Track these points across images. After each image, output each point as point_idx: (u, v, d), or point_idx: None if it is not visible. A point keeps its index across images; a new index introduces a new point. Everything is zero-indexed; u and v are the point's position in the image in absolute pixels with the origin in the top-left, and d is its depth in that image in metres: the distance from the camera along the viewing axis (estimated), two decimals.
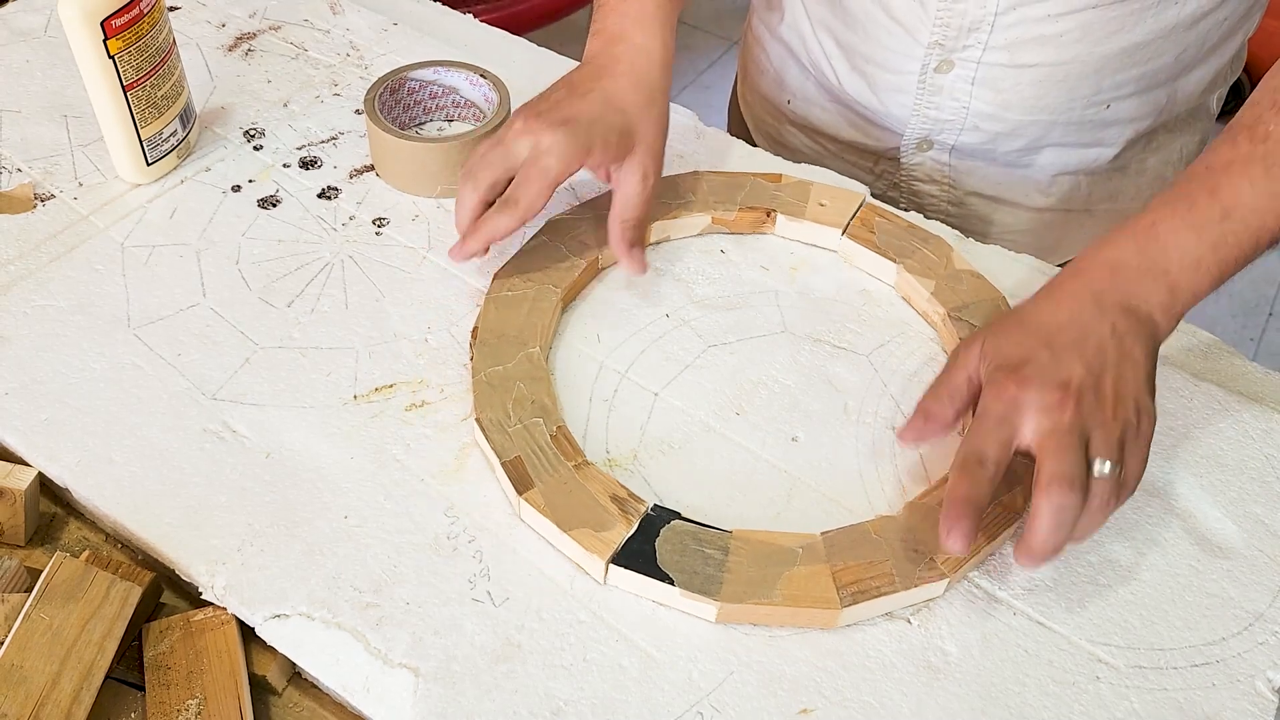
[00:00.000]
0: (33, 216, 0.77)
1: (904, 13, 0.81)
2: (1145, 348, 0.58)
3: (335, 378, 0.68)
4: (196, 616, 0.57)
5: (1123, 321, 0.58)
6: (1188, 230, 0.59)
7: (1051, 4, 0.76)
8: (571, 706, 0.55)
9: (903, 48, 0.82)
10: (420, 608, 0.58)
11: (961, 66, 0.81)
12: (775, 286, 0.76)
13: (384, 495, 0.63)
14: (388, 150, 0.79)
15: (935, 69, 0.82)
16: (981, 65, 0.81)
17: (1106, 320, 0.58)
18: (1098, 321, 0.58)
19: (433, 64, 0.85)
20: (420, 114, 0.87)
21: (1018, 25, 0.78)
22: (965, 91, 0.83)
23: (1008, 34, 0.78)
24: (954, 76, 0.82)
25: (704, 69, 2.55)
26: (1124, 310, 0.58)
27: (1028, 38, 0.78)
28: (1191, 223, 0.59)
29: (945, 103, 0.84)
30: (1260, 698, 0.57)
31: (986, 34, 0.79)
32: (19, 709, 0.50)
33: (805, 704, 0.56)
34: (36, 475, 0.61)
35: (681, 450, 0.66)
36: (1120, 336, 0.58)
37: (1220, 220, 0.58)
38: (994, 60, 0.80)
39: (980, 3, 0.77)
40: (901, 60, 0.83)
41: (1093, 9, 0.76)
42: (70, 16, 0.70)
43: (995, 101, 0.83)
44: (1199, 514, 0.64)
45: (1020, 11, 0.77)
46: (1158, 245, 0.59)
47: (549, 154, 0.68)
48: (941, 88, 0.83)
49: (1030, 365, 0.56)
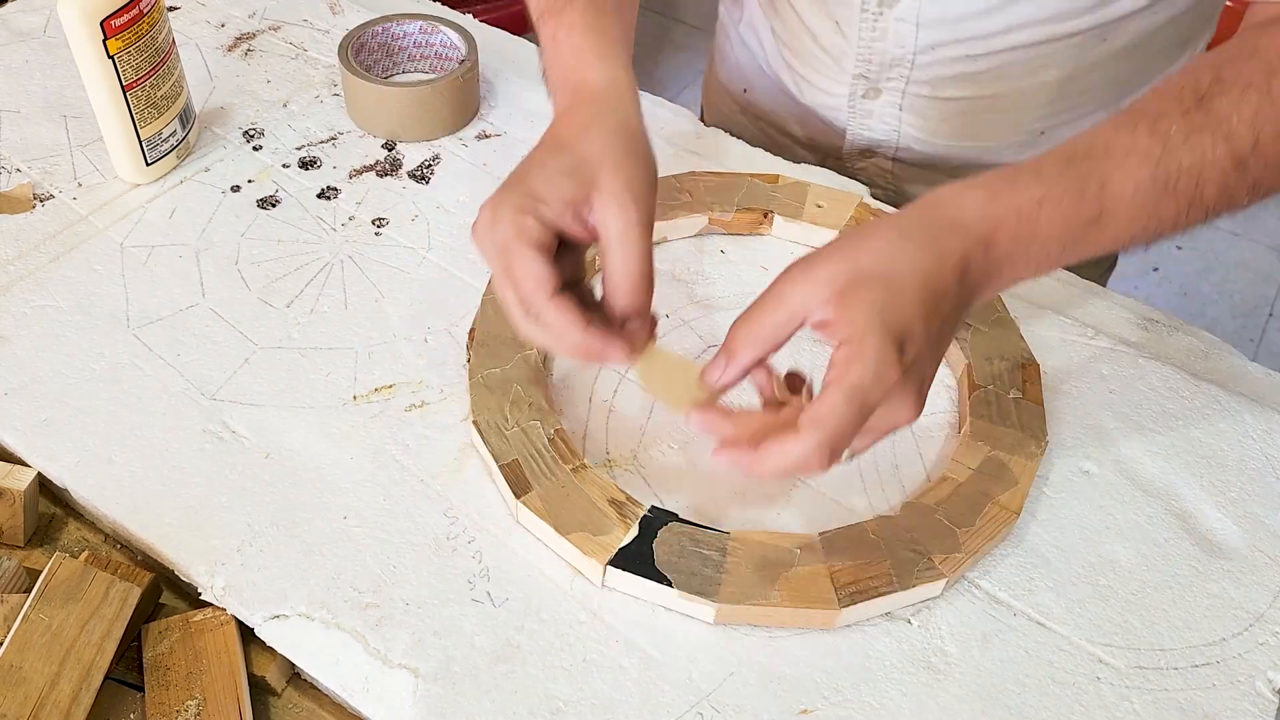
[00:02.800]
0: (32, 216, 0.77)
1: (829, 44, 0.83)
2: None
3: (335, 378, 0.68)
4: (196, 617, 0.57)
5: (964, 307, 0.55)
6: (1062, 223, 0.55)
7: (969, 45, 0.77)
8: (571, 707, 0.55)
9: (831, 73, 0.84)
10: (420, 608, 0.58)
11: (888, 94, 0.83)
12: None
13: (383, 496, 0.63)
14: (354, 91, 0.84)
15: (863, 95, 0.84)
16: (906, 95, 0.83)
17: (964, 303, 0.54)
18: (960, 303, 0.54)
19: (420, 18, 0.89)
20: (404, 61, 0.91)
21: (937, 64, 0.79)
22: (894, 116, 0.84)
23: (928, 71, 0.80)
24: (882, 102, 0.84)
25: (704, 69, 2.55)
26: (975, 291, 0.55)
27: (949, 75, 0.80)
28: (1069, 216, 0.55)
29: (876, 125, 0.86)
30: (1260, 698, 0.57)
31: (908, 69, 0.81)
32: (18, 709, 0.50)
33: (805, 704, 0.55)
34: (36, 475, 0.61)
35: (681, 451, 0.66)
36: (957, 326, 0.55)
37: (1092, 223, 0.55)
38: (918, 92, 0.82)
39: (898, 42, 0.79)
40: (831, 84, 0.85)
41: (1010, 50, 0.77)
42: (70, 16, 0.70)
43: (924, 128, 0.84)
44: (1199, 514, 0.64)
45: (938, 52, 0.79)
46: (1031, 232, 0.54)
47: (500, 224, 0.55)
48: (871, 112, 0.85)
49: (912, 347, 0.51)
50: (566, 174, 0.56)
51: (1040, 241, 0.54)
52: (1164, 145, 0.54)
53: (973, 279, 0.54)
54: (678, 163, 0.83)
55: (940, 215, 0.54)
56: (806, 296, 0.52)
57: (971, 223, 0.54)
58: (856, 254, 0.53)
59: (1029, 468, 0.64)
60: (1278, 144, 0.55)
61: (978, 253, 0.54)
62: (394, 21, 0.88)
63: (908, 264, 0.52)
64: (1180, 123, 0.54)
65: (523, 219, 0.55)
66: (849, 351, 0.50)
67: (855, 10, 0.79)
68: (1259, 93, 0.55)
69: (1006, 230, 0.54)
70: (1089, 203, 0.54)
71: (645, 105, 0.88)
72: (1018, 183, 0.55)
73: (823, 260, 0.53)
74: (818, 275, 0.52)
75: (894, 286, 0.52)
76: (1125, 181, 0.54)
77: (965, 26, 0.77)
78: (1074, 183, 0.54)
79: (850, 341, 0.50)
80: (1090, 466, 0.66)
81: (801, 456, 0.50)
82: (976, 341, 0.69)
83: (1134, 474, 0.66)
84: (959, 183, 0.55)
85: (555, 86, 0.63)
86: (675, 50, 2.61)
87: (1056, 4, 0.75)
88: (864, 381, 0.50)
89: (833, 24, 0.81)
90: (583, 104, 0.60)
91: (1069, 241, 0.55)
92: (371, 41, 0.87)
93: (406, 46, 0.89)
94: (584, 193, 0.56)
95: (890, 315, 0.51)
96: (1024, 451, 0.64)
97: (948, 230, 0.54)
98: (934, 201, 0.55)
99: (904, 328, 0.51)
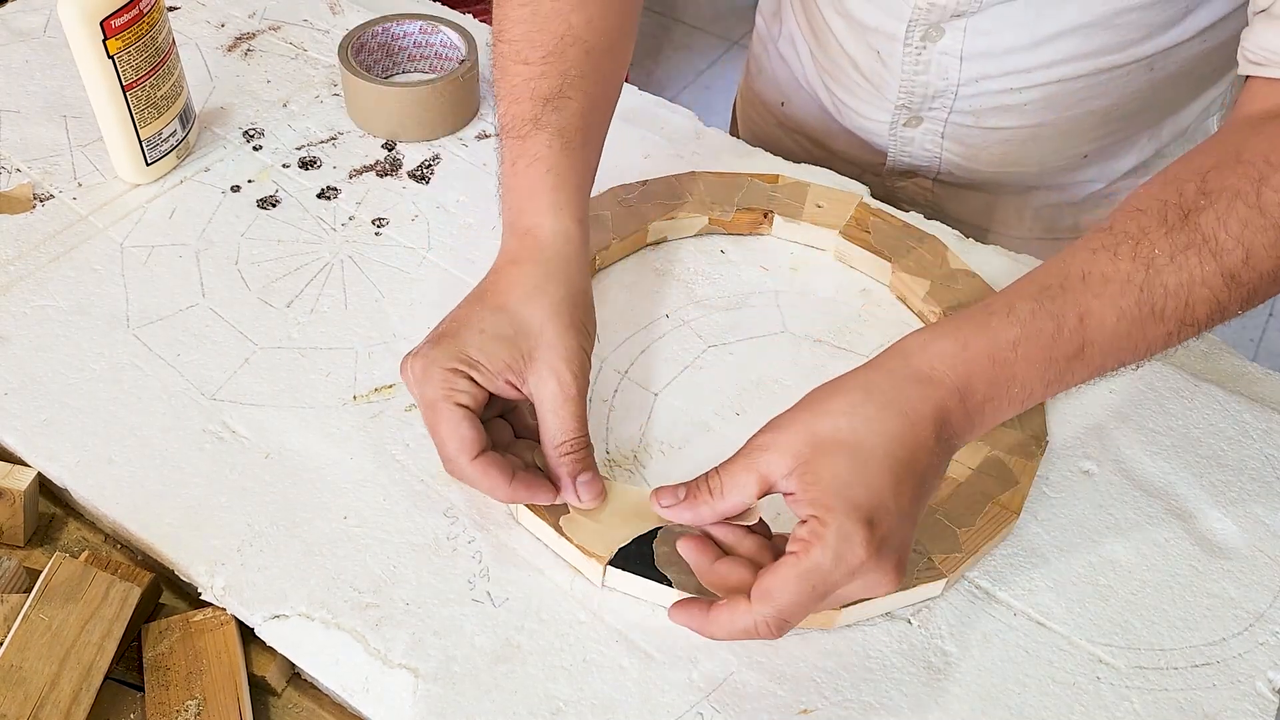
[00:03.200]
0: (32, 216, 0.77)
1: (870, 72, 0.82)
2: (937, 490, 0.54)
3: (335, 378, 0.68)
4: (196, 617, 0.57)
5: (947, 458, 0.53)
6: (1041, 363, 0.53)
7: (1013, 78, 0.77)
8: (571, 707, 0.55)
9: (872, 99, 0.84)
10: (420, 608, 0.58)
11: (930, 123, 0.83)
12: (775, 287, 0.76)
13: (384, 496, 0.63)
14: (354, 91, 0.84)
15: (904, 124, 0.84)
16: (949, 124, 0.82)
17: (942, 458, 0.52)
18: (937, 460, 0.52)
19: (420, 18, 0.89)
20: (404, 61, 0.91)
21: (980, 95, 0.79)
22: (935, 144, 0.84)
23: (972, 102, 0.80)
24: (923, 130, 0.84)
25: (704, 69, 2.55)
26: (956, 440, 0.53)
27: (991, 106, 0.80)
28: (1047, 355, 0.53)
29: (918, 151, 0.86)
30: (1261, 698, 0.57)
31: (951, 99, 0.80)
32: (18, 709, 0.50)
33: (805, 704, 0.55)
34: (36, 475, 0.61)
35: (681, 450, 0.66)
36: (936, 483, 0.53)
37: (1072, 358, 0.53)
38: (960, 121, 0.82)
39: (942, 75, 0.79)
40: (873, 110, 0.85)
41: (1056, 83, 0.76)
42: (70, 16, 0.70)
43: (965, 155, 0.84)
44: (1199, 514, 0.64)
45: (982, 84, 0.78)
46: (1007, 378, 0.52)
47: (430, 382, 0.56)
48: (912, 139, 0.85)
49: (882, 524, 0.49)
50: (504, 341, 0.57)
51: (1020, 382, 0.53)
52: (1147, 268, 0.52)
53: (951, 430, 0.52)
54: (677, 163, 0.83)
55: (909, 370, 0.52)
56: (771, 465, 0.51)
57: (942, 375, 0.52)
58: (820, 420, 0.51)
59: (1029, 468, 0.64)
60: (1270, 255, 0.52)
61: (952, 403, 0.52)
62: (394, 21, 0.88)
63: (874, 430, 0.51)
64: (1164, 243, 0.52)
65: (454, 379, 0.56)
66: (810, 529, 0.49)
67: (898, 43, 0.78)
68: (1246, 204, 0.52)
69: (981, 377, 0.52)
70: (1067, 339, 0.52)
71: (645, 105, 0.89)
72: (989, 326, 0.53)
73: (787, 424, 0.52)
74: (782, 442, 0.51)
75: (860, 457, 0.50)
76: (1106, 311, 0.52)
77: (1010, 60, 0.76)
78: (1049, 321, 0.52)
79: (813, 519, 0.49)
80: (1090, 466, 0.66)
81: (749, 627, 0.50)
82: None
83: (1134, 474, 0.66)
84: (928, 329, 0.54)
85: (506, 220, 0.63)
86: (675, 50, 2.61)
87: (1103, 39, 0.73)
88: (822, 564, 0.48)
89: (874, 54, 0.80)
90: (529, 262, 0.60)
91: (1051, 378, 0.53)
92: (371, 41, 0.87)
93: (406, 46, 0.89)
94: (519, 362, 0.57)
95: (857, 492, 0.49)
96: (1024, 451, 0.64)
97: (917, 387, 0.52)
98: (902, 352, 0.53)
99: (873, 505, 0.49)
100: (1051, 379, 0.53)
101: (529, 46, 0.64)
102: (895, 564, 0.50)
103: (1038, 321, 0.52)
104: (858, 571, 0.49)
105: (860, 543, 0.48)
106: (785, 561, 0.49)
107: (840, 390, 0.53)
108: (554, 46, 0.64)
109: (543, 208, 0.61)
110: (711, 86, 2.51)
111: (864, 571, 0.49)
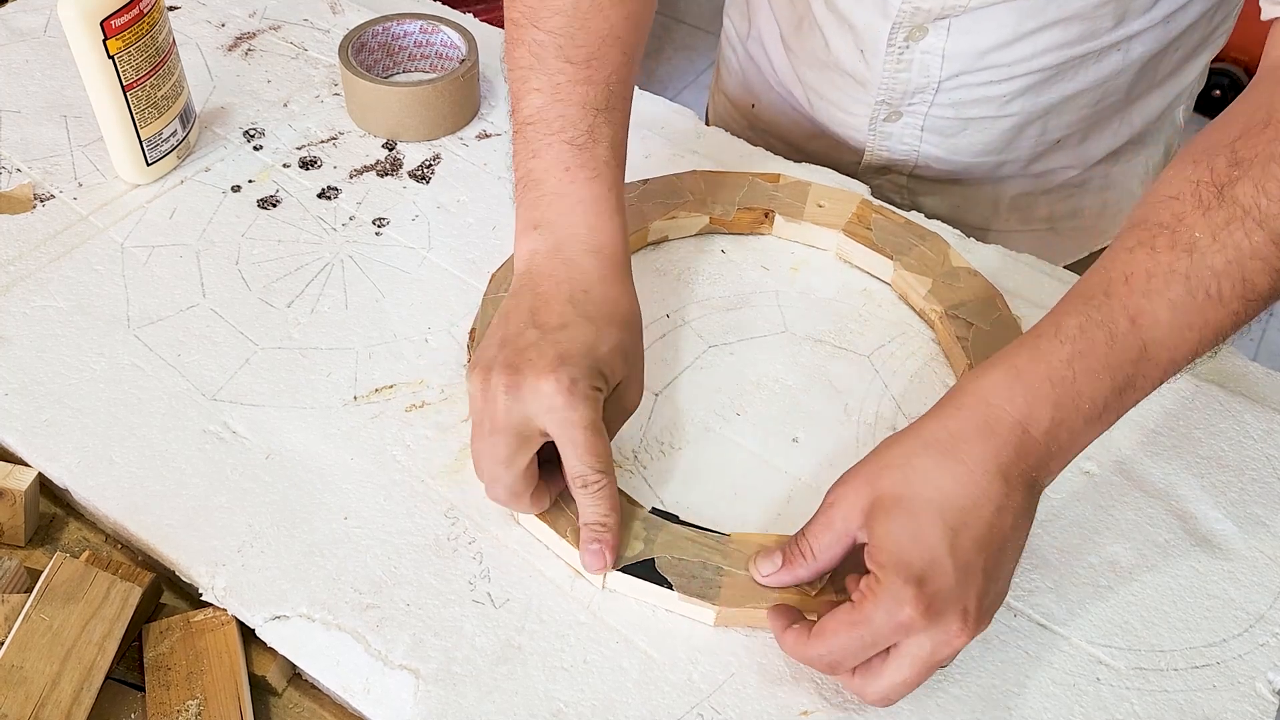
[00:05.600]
0: (32, 217, 0.77)
1: (853, 69, 0.83)
2: (1029, 527, 0.53)
3: (335, 378, 0.68)
4: (196, 617, 0.57)
5: (1024, 498, 0.52)
6: (1104, 373, 0.51)
7: (992, 72, 0.78)
8: (572, 708, 0.55)
9: (854, 95, 0.84)
10: (420, 609, 0.58)
11: (910, 116, 0.83)
12: (775, 286, 0.76)
13: (384, 496, 0.63)
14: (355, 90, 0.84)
15: (885, 119, 0.84)
16: (929, 117, 0.83)
17: (1014, 499, 0.51)
18: (1006, 502, 0.51)
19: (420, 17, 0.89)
20: (405, 61, 0.91)
21: (960, 89, 0.80)
22: (915, 136, 0.85)
23: (952, 95, 0.80)
24: (902, 124, 0.84)
25: (704, 69, 2.55)
26: (1028, 484, 0.52)
27: (971, 99, 0.80)
28: (1109, 362, 0.51)
29: (896, 145, 0.86)
30: (1261, 699, 0.57)
31: (932, 94, 0.81)
32: (19, 709, 0.50)
33: (805, 705, 0.55)
34: (36, 476, 0.61)
35: (681, 451, 0.66)
36: (1020, 519, 0.52)
37: (1136, 360, 0.51)
38: (940, 114, 0.82)
39: (924, 73, 0.79)
40: (852, 104, 0.85)
41: (1034, 73, 0.77)
42: (70, 16, 0.70)
43: (944, 145, 0.85)
44: (1199, 515, 0.64)
45: (961, 79, 0.79)
46: (1073, 395, 0.51)
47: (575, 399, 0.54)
48: (891, 134, 0.85)
49: (933, 581, 0.49)
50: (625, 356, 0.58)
51: (1087, 397, 0.51)
52: (1190, 254, 0.51)
53: (1024, 467, 0.51)
54: (678, 163, 0.83)
55: (964, 420, 0.52)
56: (846, 520, 0.53)
57: (1000, 412, 0.52)
58: (881, 475, 0.52)
59: None
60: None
61: (1016, 439, 0.51)
62: (394, 21, 0.88)
63: (930, 483, 0.51)
64: (1203, 224, 0.51)
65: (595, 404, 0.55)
66: (867, 583, 0.51)
67: (882, 43, 0.78)
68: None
69: (1043, 402, 0.51)
70: (1124, 343, 0.51)
71: (646, 105, 0.89)
72: (1039, 350, 0.52)
73: (851, 478, 0.54)
74: (848, 498, 0.53)
75: (914, 513, 0.51)
76: (1158, 307, 0.51)
77: (990, 56, 0.77)
78: (1099, 330, 0.51)
79: (871, 576, 0.51)
80: (1090, 466, 0.66)
81: (807, 657, 0.53)
82: (977, 341, 0.69)
83: (1134, 474, 0.66)
84: (980, 367, 0.54)
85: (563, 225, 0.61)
86: (675, 50, 2.61)
87: (1079, 28, 0.74)
88: (873, 618, 0.50)
89: (858, 52, 0.81)
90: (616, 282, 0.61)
91: (1122, 384, 0.52)
92: (372, 41, 0.87)
93: (407, 46, 0.89)
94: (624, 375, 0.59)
95: (910, 550, 0.50)
96: None
97: (975, 433, 0.51)
98: (958, 396, 0.53)
99: (926, 562, 0.50)
100: (1122, 385, 0.52)
101: (571, 44, 0.62)
102: (959, 617, 0.50)
103: (1088, 334, 0.52)
104: (910, 629, 0.50)
105: (909, 601, 0.49)
106: (843, 608, 0.51)
107: (899, 441, 0.53)
108: (597, 48, 0.63)
109: (614, 229, 0.62)
110: (711, 87, 2.51)
111: (918, 629, 0.50)
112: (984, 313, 0.71)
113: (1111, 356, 0.51)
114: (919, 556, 0.50)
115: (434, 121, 0.84)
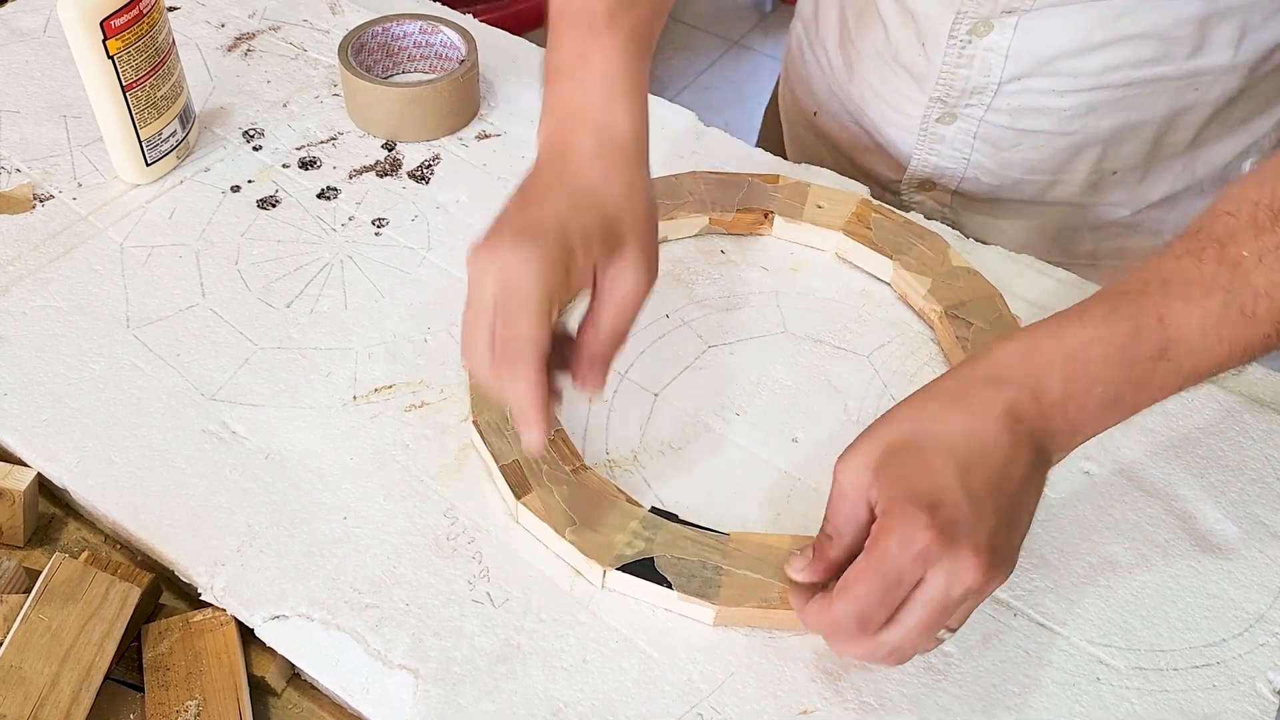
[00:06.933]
0: (32, 217, 0.77)
1: (911, 62, 0.81)
2: (1038, 494, 0.53)
3: (334, 378, 0.68)
4: (196, 617, 0.57)
5: (1033, 457, 0.52)
6: (1120, 363, 0.52)
7: (1056, 80, 0.76)
8: (571, 708, 0.55)
9: (908, 92, 0.83)
10: (420, 609, 0.58)
11: (964, 120, 0.81)
12: (775, 287, 0.76)
13: (383, 496, 0.63)
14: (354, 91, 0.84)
15: (938, 119, 0.82)
16: (984, 123, 0.81)
17: (1022, 454, 0.51)
18: (1015, 454, 0.51)
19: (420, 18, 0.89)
20: (404, 61, 0.91)
21: (1021, 94, 0.78)
22: (966, 144, 0.82)
23: (1011, 100, 0.78)
24: (955, 128, 0.82)
25: (704, 69, 2.55)
26: (1035, 446, 0.52)
27: (1030, 106, 0.78)
28: (1127, 355, 0.52)
29: (946, 151, 0.84)
30: (1261, 699, 0.57)
31: (990, 97, 0.79)
32: (18, 710, 0.50)
33: (805, 705, 0.55)
34: (36, 476, 0.61)
35: (681, 451, 0.66)
36: (1029, 477, 0.52)
37: (1156, 359, 0.52)
38: (996, 121, 0.80)
39: (984, 71, 0.77)
40: (906, 103, 0.83)
41: (1100, 89, 0.75)
42: (69, 17, 0.70)
43: (996, 158, 0.82)
44: (1199, 514, 0.64)
45: (1024, 82, 0.77)
46: (1086, 376, 0.52)
47: (520, 276, 0.53)
48: (943, 137, 0.83)
49: (946, 508, 0.49)
50: (603, 231, 0.56)
51: (1102, 383, 0.52)
52: (1234, 270, 0.51)
53: (1029, 429, 0.51)
54: (678, 163, 0.83)
55: (976, 372, 0.53)
56: (855, 484, 0.52)
57: (1010, 373, 0.52)
58: (888, 428, 0.52)
59: None
60: None
61: (1025, 401, 0.51)
62: (394, 21, 0.88)
63: (937, 425, 0.51)
64: (1253, 244, 0.51)
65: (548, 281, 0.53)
66: (879, 525, 0.50)
67: (943, 35, 0.77)
68: None
69: (1054, 375, 0.52)
70: (1147, 339, 0.51)
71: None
72: (1061, 329, 0.53)
73: (855, 443, 0.53)
74: (854, 461, 0.52)
75: (921, 452, 0.51)
76: (1191, 312, 0.51)
77: (1056, 63, 0.75)
78: (1125, 321, 0.52)
79: (881, 515, 0.50)
80: (1090, 466, 0.66)
81: (835, 620, 0.51)
82: (977, 341, 0.69)
83: (1134, 474, 0.66)
84: (998, 338, 0.54)
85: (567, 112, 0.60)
86: (675, 50, 2.61)
87: (1153, 48, 0.72)
88: (889, 552, 0.49)
89: (919, 44, 0.79)
90: (612, 156, 0.59)
91: (1138, 379, 0.52)
92: (371, 41, 0.87)
93: (406, 46, 0.89)
94: (611, 253, 0.56)
95: (917, 482, 0.50)
96: None
97: (983, 384, 0.52)
98: (970, 360, 0.54)
99: (933, 491, 0.49)
100: (1139, 380, 0.52)
101: None
102: (973, 551, 0.49)
103: (1112, 322, 0.52)
104: (928, 557, 0.49)
105: (923, 525, 0.48)
106: (860, 557, 0.50)
107: (909, 400, 0.53)
108: None
109: (621, 111, 0.59)
110: (711, 86, 2.51)
111: (935, 558, 0.49)
112: (984, 312, 0.71)
113: (1132, 348, 0.52)
114: (927, 485, 0.50)
115: (433, 122, 0.84)
